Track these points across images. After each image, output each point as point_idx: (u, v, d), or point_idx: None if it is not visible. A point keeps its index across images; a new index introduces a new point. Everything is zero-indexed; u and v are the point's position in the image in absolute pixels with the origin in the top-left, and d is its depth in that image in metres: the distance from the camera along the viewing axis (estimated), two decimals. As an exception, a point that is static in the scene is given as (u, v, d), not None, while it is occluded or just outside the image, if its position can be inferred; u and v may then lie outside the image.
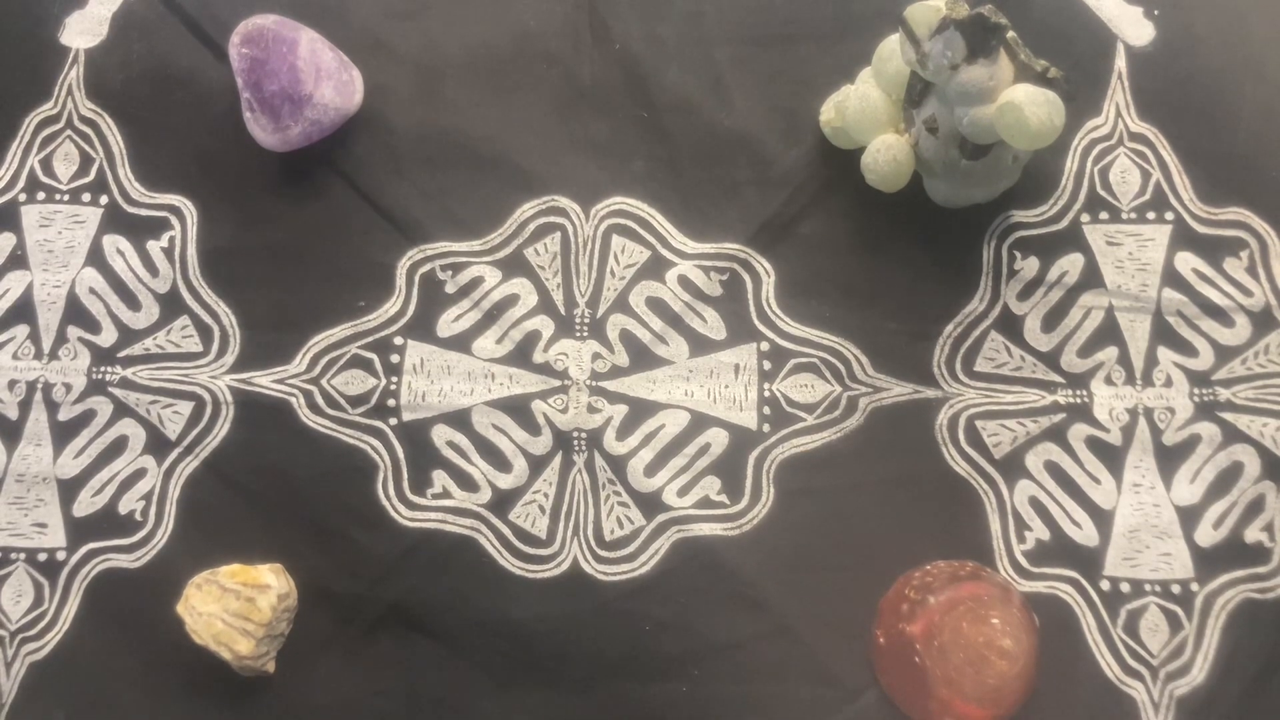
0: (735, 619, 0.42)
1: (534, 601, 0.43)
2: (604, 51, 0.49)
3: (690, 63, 0.49)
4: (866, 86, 0.44)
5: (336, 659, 0.43)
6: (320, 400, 0.45)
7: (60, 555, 0.44)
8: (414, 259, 0.46)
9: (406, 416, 0.45)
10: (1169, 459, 0.43)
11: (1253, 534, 0.42)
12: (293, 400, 0.45)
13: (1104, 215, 0.46)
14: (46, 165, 0.48)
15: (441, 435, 0.45)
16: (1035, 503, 0.43)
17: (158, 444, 0.45)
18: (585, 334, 0.46)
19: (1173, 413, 0.44)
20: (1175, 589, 0.42)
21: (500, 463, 0.44)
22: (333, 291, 0.46)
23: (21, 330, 0.47)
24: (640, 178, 0.47)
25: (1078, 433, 0.44)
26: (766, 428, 0.44)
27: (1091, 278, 0.45)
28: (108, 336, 0.46)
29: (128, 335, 0.46)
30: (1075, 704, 0.41)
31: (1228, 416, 0.44)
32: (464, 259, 0.46)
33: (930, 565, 0.42)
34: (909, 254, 0.46)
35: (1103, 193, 0.46)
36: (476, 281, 0.46)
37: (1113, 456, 0.44)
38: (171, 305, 0.47)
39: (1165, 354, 0.44)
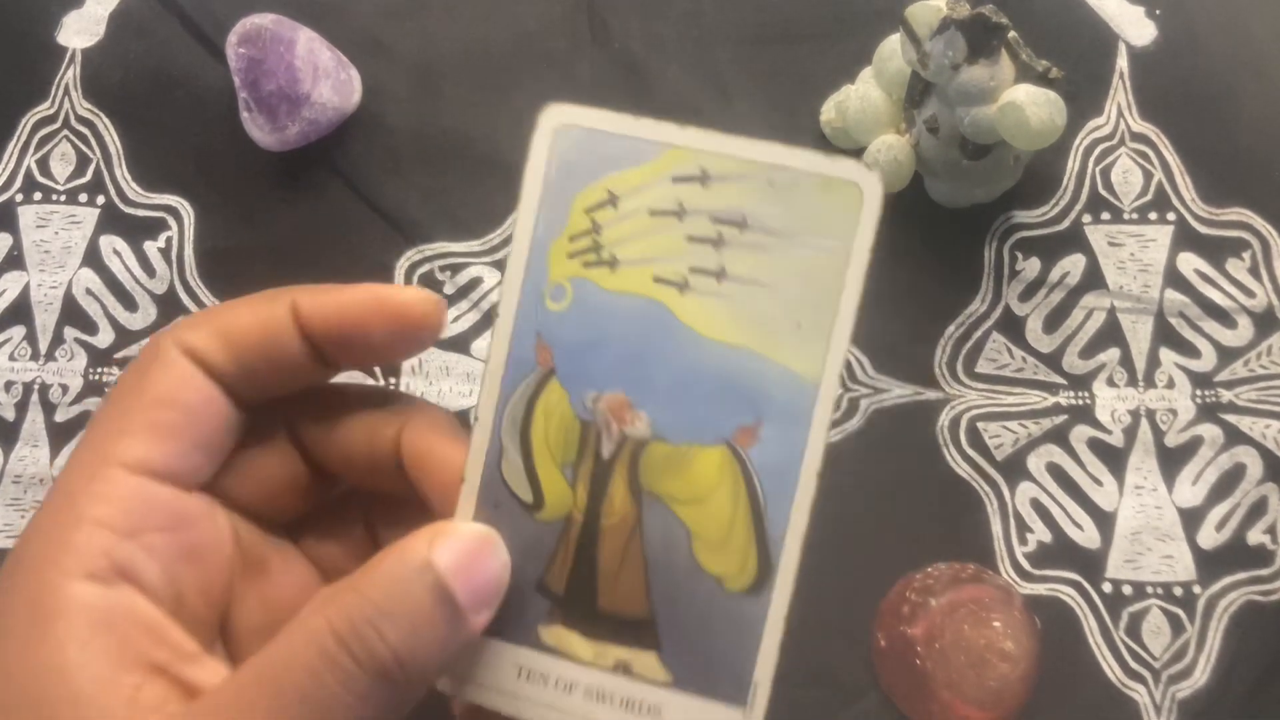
0: (735, 621, 0.42)
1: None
2: (603, 51, 0.49)
3: (690, 62, 0.48)
4: (867, 86, 0.44)
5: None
6: (318, 401, 0.45)
7: (57, 557, 0.44)
8: (412, 259, 0.46)
9: (405, 418, 0.45)
10: (1171, 461, 0.43)
11: (1255, 536, 0.42)
12: (290, 401, 0.45)
13: (1105, 215, 0.46)
14: (43, 165, 0.48)
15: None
16: (1037, 504, 0.43)
17: (155, 445, 0.45)
18: (584, 335, 0.45)
19: (1175, 414, 0.44)
20: (1177, 591, 0.42)
21: (499, 464, 0.44)
22: (331, 292, 0.46)
23: (18, 331, 0.47)
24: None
25: (1079, 434, 0.44)
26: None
27: (1093, 279, 0.45)
28: (105, 337, 0.46)
29: (125, 336, 0.46)
30: (1077, 706, 0.41)
31: (1230, 418, 0.44)
32: (463, 259, 0.46)
33: (931, 567, 0.42)
34: (910, 254, 0.46)
35: (1104, 193, 0.46)
36: (475, 282, 0.46)
37: (1115, 458, 0.43)
38: (169, 306, 0.46)
39: (1167, 355, 0.44)
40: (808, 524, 0.24)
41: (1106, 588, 0.42)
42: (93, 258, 0.47)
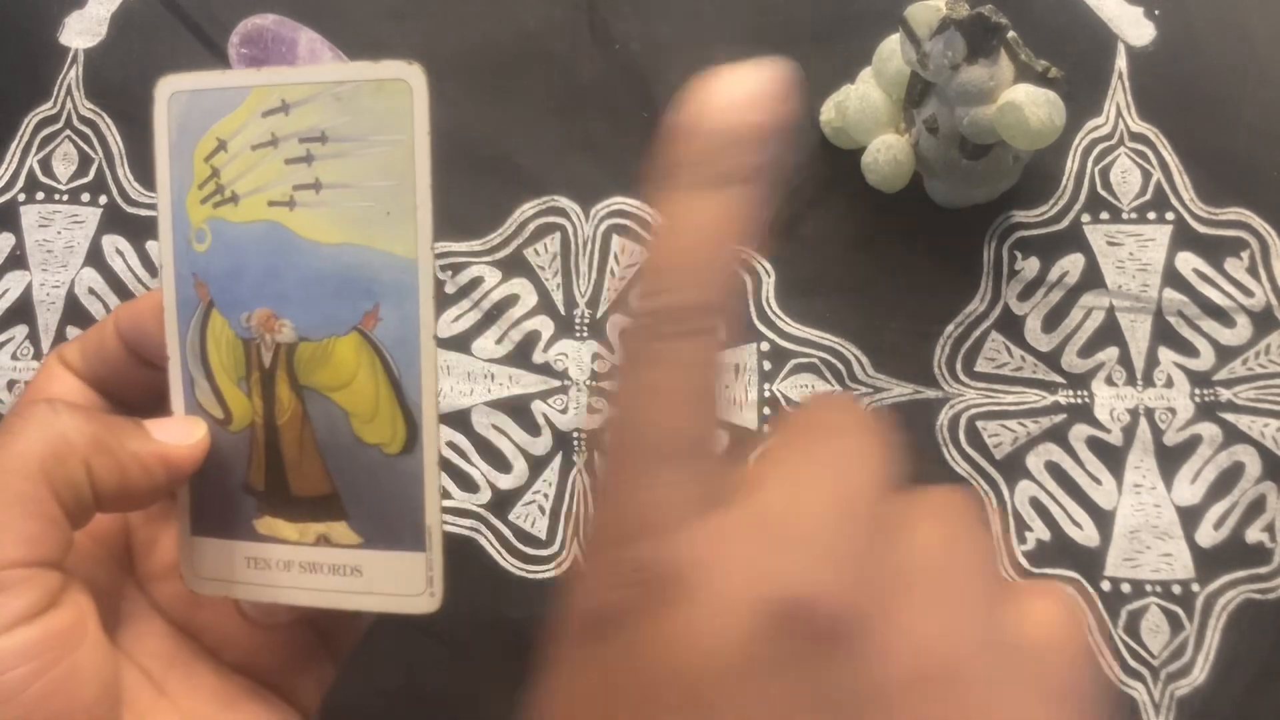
0: (735, 620, 0.42)
1: (534, 602, 0.43)
2: (604, 51, 0.49)
3: (690, 62, 0.48)
4: (867, 86, 0.44)
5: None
6: (320, 401, 0.45)
7: (59, 556, 0.44)
8: (413, 259, 0.46)
9: (406, 417, 0.45)
10: (1170, 459, 0.43)
11: (1254, 534, 0.42)
12: (292, 401, 0.45)
13: (1104, 215, 0.46)
14: (45, 165, 0.48)
15: (441, 435, 0.45)
16: (1036, 503, 0.43)
17: (157, 444, 0.45)
18: (585, 334, 0.46)
19: (1174, 413, 0.44)
20: (1176, 589, 0.42)
21: (500, 463, 0.44)
22: (332, 292, 0.46)
23: (20, 331, 0.47)
24: (640, 178, 0.47)
25: (1078, 433, 0.44)
26: (767, 428, 0.44)
27: (1092, 278, 0.45)
28: (107, 337, 0.46)
29: (127, 335, 0.46)
30: (1076, 705, 0.41)
31: (1228, 417, 0.44)
32: (463, 259, 0.46)
33: (931, 566, 0.42)
34: (909, 254, 0.46)
35: (1103, 193, 0.46)
36: (476, 282, 0.46)
37: (1113, 457, 0.44)
38: (171, 305, 0.47)
39: (1166, 354, 0.44)
40: (436, 383, 0.28)
41: (1105, 586, 0.42)
42: (95, 257, 0.47)
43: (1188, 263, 0.45)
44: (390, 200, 0.27)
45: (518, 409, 0.45)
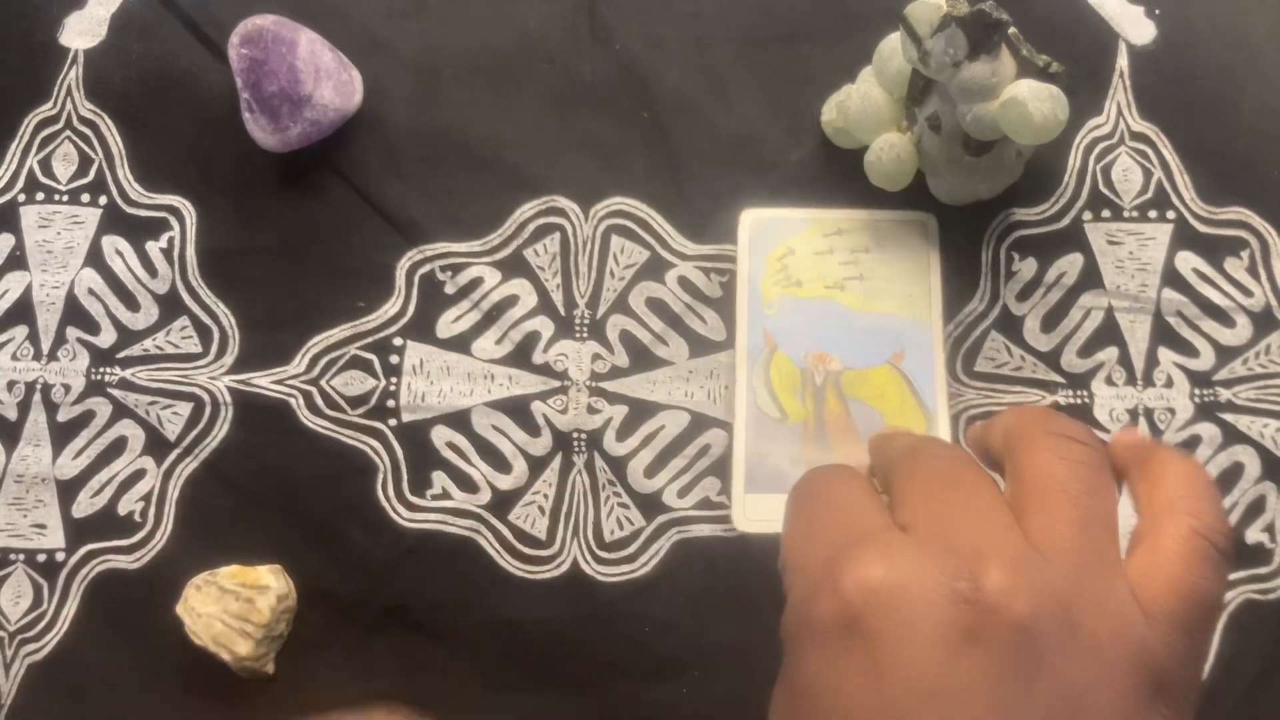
0: (735, 620, 0.42)
1: (534, 603, 0.43)
2: (604, 51, 0.49)
3: (691, 63, 0.48)
4: (868, 85, 0.44)
5: (336, 659, 0.43)
6: (319, 401, 0.45)
7: (59, 556, 0.44)
8: (413, 259, 0.46)
9: (406, 417, 0.45)
10: (1170, 459, 0.43)
11: (1254, 535, 0.42)
12: (292, 401, 0.45)
13: (1106, 214, 0.46)
14: (45, 166, 0.48)
15: (441, 436, 0.45)
16: (1036, 503, 0.43)
17: (157, 445, 0.45)
18: (585, 335, 0.45)
19: (1173, 413, 0.44)
20: (1177, 589, 0.42)
21: (500, 464, 0.44)
22: (332, 292, 0.46)
23: (20, 331, 0.47)
24: (640, 178, 0.47)
25: (1079, 433, 0.44)
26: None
27: (1090, 278, 0.45)
28: (107, 337, 0.46)
29: (127, 336, 0.46)
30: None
31: (1228, 417, 0.44)
32: (463, 259, 0.46)
33: (931, 566, 0.42)
34: (909, 254, 0.46)
35: (1105, 190, 0.46)
36: (476, 282, 0.46)
37: (1114, 457, 0.43)
38: (170, 306, 0.47)
39: (1166, 354, 0.44)
40: (946, 397, 0.43)
41: (1106, 586, 0.42)
42: (95, 258, 0.47)
43: (1187, 262, 0.45)
44: (913, 286, 0.44)
45: (517, 409, 0.45)
